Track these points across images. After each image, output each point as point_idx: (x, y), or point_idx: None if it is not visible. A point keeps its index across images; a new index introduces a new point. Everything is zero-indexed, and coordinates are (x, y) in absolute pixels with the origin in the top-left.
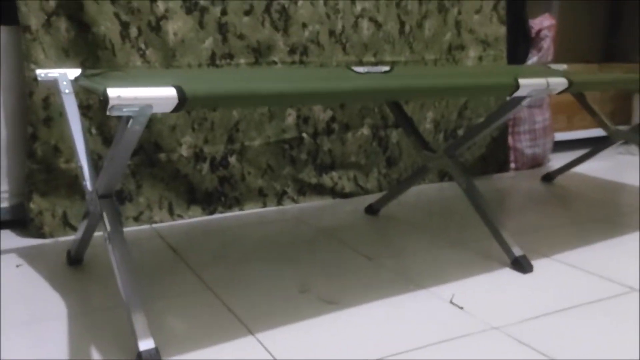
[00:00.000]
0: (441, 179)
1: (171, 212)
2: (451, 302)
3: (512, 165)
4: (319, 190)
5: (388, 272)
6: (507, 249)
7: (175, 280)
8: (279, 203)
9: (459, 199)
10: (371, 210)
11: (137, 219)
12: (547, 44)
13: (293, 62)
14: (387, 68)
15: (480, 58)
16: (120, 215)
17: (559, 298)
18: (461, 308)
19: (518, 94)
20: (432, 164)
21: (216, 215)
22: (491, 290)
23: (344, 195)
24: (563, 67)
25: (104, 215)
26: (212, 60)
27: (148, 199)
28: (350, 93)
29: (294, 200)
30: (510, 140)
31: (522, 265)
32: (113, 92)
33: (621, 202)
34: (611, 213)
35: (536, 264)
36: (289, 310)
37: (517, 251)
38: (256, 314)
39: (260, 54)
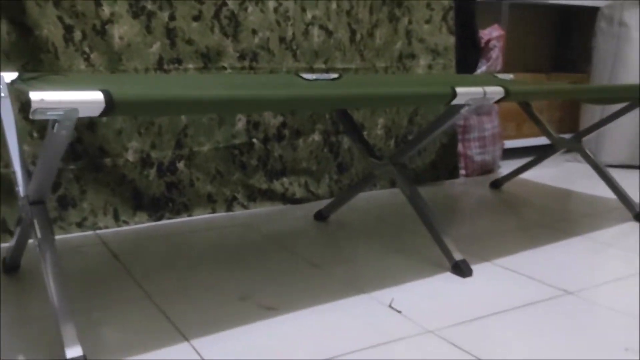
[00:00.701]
0: (392, 185)
1: (116, 218)
2: (390, 306)
3: (463, 172)
4: (270, 196)
5: (331, 278)
6: (448, 254)
7: (115, 289)
8: (229, 209)
9: (408, 206)
10: (320, 216)
11: (80, 225)
12: (495, 53)
13: (243, 68)
14: (335, 75)
15: (430, 67)
16: (51, 222)
17: (494, 301)
18: (399, 312)
19: (456, 102)
20: (378, 171)
21: (163, 222)
22: (430, 294)
23: (295, 201)
24: (510, 76)
25: (35, 222)
26: (160, 65)
27: (92, 204)
28: (286, 101)
29: (244, 206)
30: (460, 147)
31: (461, 269)
32: (36, 96)
33: (565, 209)
34: (555, 219)
35: (477, 268)
36: (227, 317)
37: (458, 256)
38: (194, 321)
39: (209, 59)
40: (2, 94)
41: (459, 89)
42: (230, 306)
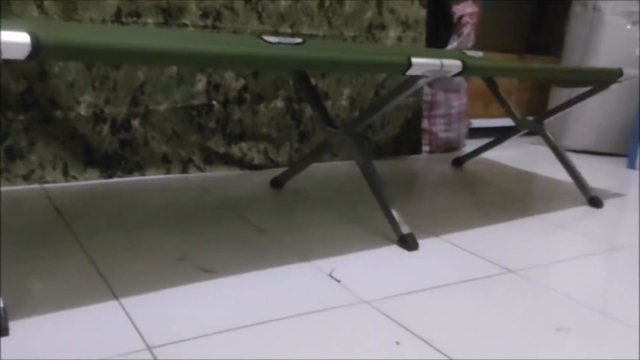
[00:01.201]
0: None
1: (65, 173)
2: (330, 275)
3: (427, 148)
4: (227, 160)
5: (276, 245)
6: (395, 227)
7: (52, 243)
8: (184, 171)
9: (362, 180)
10: (276, 183)
11: (27, 178)
12: (467, 30)
13: (205, 27)
14: (299, 40)
15: (399, 39)
16: None
17: (434, 276)
18: (338, 281)
19: (411, 72)
20: (333, 140)
21: (115, 180)
22: (372, 266)
23: (253, 167)
24: (479, 54)
25: None
26: (118, 17)
27: (41, 157)
28: (234, 58)
29: (199, 169)
30: (425, 123)
31: (407, 242)
32: None
33: (522, 190)
34: (510, 199)
35: (423, 242)
36: (161, 277)
37: (405, 229)
38: (127, 280)
39: (170, 15)
40: None
41: (415, 60)
42: (168, 267)
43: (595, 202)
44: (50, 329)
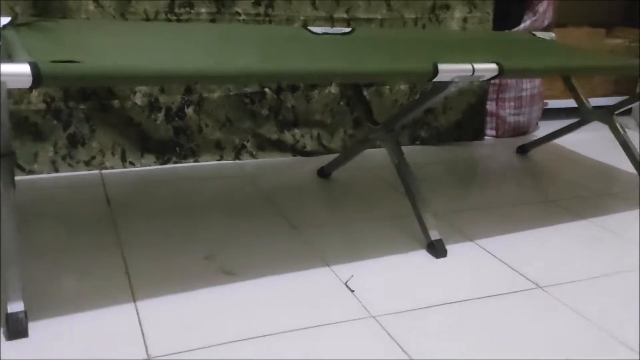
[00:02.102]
0: (413, 142)
1: (124, 159)
2: (346, 284)
3: (493, 132)
4: (279, 146)
5: (303, 245)
6: (425, 232)
7: (92, 236)
8: (237, 157)
9: (418, 168)
10: (322, 173)
11: (88, 164)
12: (543, 7)
13: (257, 15)
14: (347, 30)
15: (465, 19)
16: (12, 176)
17: (454, 290)
18: (352, 291)
19: (439, 79)
20: (372, 136)
21: (170, 165)
22: (393, 274)
23: (306, 153)
24: (551, 35)
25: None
26: (171, 9)
27: (101, 144)
28: (241, 76)
29: (252, 155)
30: (493, 106)
31: (436, 249)
32: None
33: (585, 185)
34: (569, 195)
35: (455, 247)
36: (184, 279)
37: (434, 235)
38: (150, 280)
39: (222, 4)
40: None
41: (441, 66)
42: (193, 266)
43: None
44: (65, 331)
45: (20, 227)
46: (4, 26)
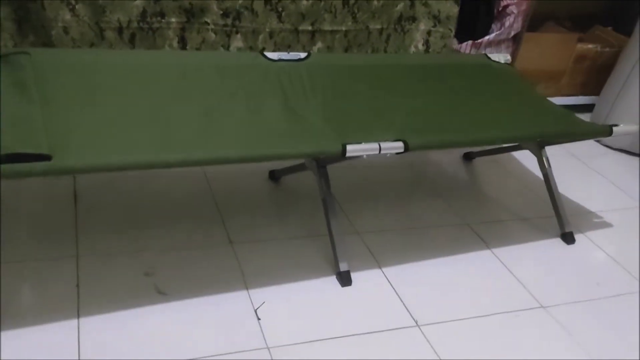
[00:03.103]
0: None
1: None
2: (255, 310)
3: None
4: None
5: (234, 263)
6: (336, 261)
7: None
8: None
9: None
10: (273, 176)
11: None
12: (510, 20)
13: (225, 26)
14: (302, 55)
15: (428, 33)
16: None
17: (351, 322)
18: (259, 319)
19: (349, 155)
20: (308, 165)
21: None
22: (300, 303)
23: None
24: (506, 58)
25: None
26: (143, 17)
27: None
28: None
29: None
30: None
31: (342, 279)
32: None
33: (508, 206)
34: (484, 218)
35: (361, 276)
36: (125, 294)
37: (343, 266)
38: (100, 294)
39: (192, 14)
40: None
41: (350, 147)
42: (135, 282)
43: (567, 238)
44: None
45: None
46: None
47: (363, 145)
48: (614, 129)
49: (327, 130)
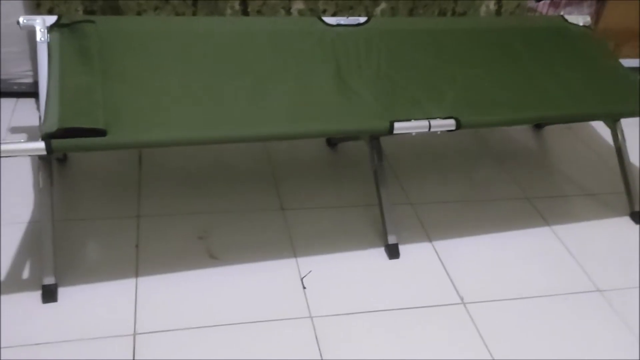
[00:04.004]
0: None
1: None
2: (302, 279)
3: None
4: None
5: (284, 230)
6: (385, 234)
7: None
8: None
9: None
10: (330, 142)
11: None
12: None
13: None
14: (362, 20)
15: None
16: None
17: (395, 297)
18: (304, 288)
19: (397, 132)
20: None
21: None
22: (346, 274)
23: None
24: (586, 19)
25: None
26: None
27: None
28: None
29: None
30: None
31: (390, 252)
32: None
33: (574, 179)
34: (547, 193)
35: (410, 249)
36: (179, 258)
37: (392, 239)
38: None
39: None
40: (42, 39)
41: (397, 124)
42: (189, 244)
43: (636, 217)
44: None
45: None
46: (51, 26)
47: (412, 123)
48: None
49: (376, 106)
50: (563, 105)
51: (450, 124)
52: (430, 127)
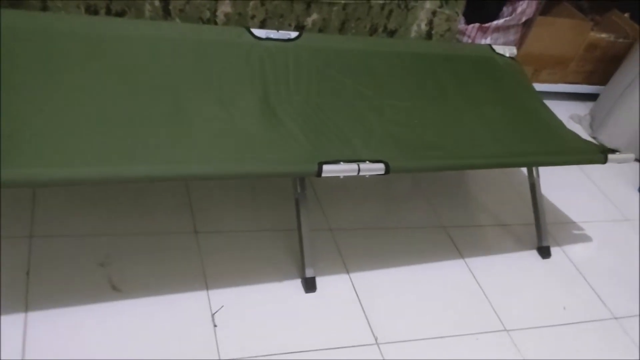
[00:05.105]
0: None
1: None
2: (212, 315)
3: None
4: None
5: (196, 257)
6: (302, 267)
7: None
8: None
9: None
10: None
11: None
12: (523, 6)
13: None
14: (293, 35)
15: (434, 13)
16: None
17: (308, 336)
18: (215, 326)
19: (325, 175)
20: None
21: None
22: (260, 310)
23: None
24: (512, 51)
25: None
26: None
27: None
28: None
29: None
30: None
31: (306, 285)
32: None
33: (492, 209)
34: (462, 222)
35: (327, 281)
36: (75, 289)
37: (309, 272)
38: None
39: None
40: None
41: (326, 167)
42: (90, 274)
43: (543, 252)
44: None
45: None
46: None
47: (341, 166)
48: (609, 156)
49: (304, 143)
50: (489, 154)
51: (379, 167)
52: (359, 170)
